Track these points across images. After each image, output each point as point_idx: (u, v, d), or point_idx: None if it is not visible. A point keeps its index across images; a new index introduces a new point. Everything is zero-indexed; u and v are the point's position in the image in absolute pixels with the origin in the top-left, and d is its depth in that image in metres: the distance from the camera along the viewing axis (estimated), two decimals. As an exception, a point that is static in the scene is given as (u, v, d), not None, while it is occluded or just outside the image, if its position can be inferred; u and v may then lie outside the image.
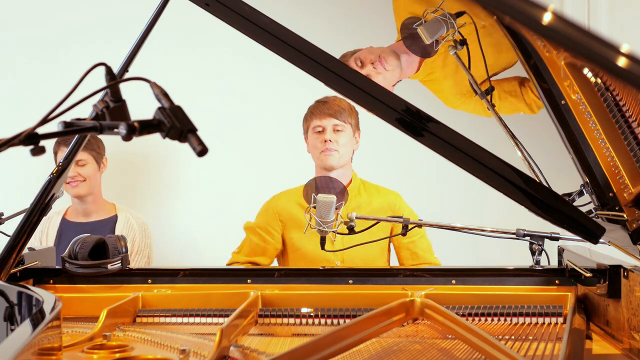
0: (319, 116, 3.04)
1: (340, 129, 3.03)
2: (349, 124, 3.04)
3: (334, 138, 3.01)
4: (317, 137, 3.04)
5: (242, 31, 2.12)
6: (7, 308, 1.86)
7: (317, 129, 3.04)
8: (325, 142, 3.00)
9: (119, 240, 2.38)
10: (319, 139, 3.03)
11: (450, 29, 2.49)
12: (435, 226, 2.48)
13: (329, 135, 3.01)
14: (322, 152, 3.02)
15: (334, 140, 3.01)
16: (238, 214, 3.90)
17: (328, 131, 3.02)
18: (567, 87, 1.82)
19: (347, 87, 2.10)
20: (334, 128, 3.02)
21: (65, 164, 2.23)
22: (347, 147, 3.05)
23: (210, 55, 3.96)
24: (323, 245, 2.52)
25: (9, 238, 2.16)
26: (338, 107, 3.03)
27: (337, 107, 3.03)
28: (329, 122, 3.02)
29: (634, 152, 1.72)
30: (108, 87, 1.22)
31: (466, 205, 3.84)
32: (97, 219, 3.55)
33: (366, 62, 2.82)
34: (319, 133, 3.04)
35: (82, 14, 3.98)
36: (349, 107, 3.07)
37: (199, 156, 1.15)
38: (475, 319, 2.09)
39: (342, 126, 3.03)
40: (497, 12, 1.55)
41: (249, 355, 1.79)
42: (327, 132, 3.02)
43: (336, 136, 3.02)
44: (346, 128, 3.04)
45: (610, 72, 1.32)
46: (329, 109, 3.03)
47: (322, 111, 3.04)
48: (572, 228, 2.00)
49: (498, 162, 2.01)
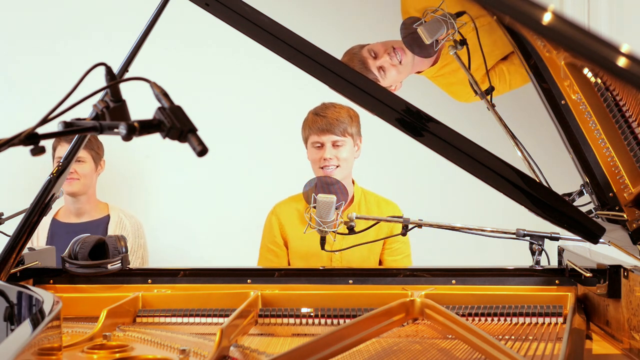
0: (317, 132, 2.95)
1: (340, 144, 2.95)
2: (349, 136, 2.96)
3: (333, 154, 2.94)
4: (316, 152, 2.97)
5: (242, 31, 2.11)
6: (7, 308, 1.86)
7: (315, 144, 2.97)
8: (325, 159, 2.93)
9: (119, 240, 2.38)
10: (318, 154, 2.96)
11: (450, 29, 2.49)
12: (435, 226, 2.48)
13: (328, 153, 2.93)
14: (321, 168, 2.95)
15: (333, 156, 2.93)
16: (236, 214, 3.92)
17: (327, 148, 2.94)
18: (567, 87, 1.82)
19: (347, 87, 2.10)
20: (333, 144, 2.95)
21: (65, 164, 2.23)
22: (347, 160, 2.97)
23: (210, 55, 3.97)
24: (323, 245, 2.52)
25: (9, 238, 2.16)
26: (337, 121, 2.94)
27: (335, 122, 2.93)
28: (328, 139, 2.94)
29: (634, 152, 1.72)
30: (108, 87, 1.22)
31: (466, 205, 3.84)
32: (88, 220, 3.53)
33: (380, 52, 2.74)
34: (318, 149, 2.97)
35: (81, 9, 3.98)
36: (348, 116, 2.98)
37: (199, 156, 1.15)
38: (475, 319, 2.09)
39: (342, 141, 2.95)
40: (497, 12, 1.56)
41: (249, 355, 1.79)
42: (326, 149, 2.94)
43: (336, 152, 2.95)
44: (346, 142, 2.96)
45: (610, 72, 1.32)
46: (327, 124, 2.93)
47: (320, 127, 2.94)
48: (572, 228, 2.00)
49: (498, 162, 2.01)
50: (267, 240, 3.06)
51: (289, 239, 3.02)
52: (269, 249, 3.04)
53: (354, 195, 3.05)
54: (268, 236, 3.06)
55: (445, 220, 2.50)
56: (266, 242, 3.06)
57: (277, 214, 3.07)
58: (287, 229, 3.03)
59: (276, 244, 3.03)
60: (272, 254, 3.03)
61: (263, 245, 3.08)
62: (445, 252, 3.24)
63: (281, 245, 3.03)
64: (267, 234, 3.07)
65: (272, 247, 3.03)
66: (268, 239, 3.06)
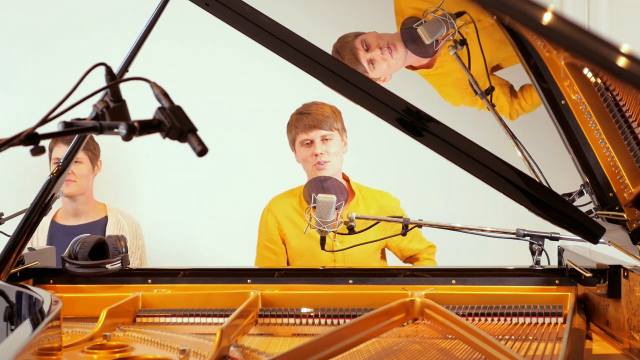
0: (304, 129, 2.95)
1: (328, 137, 2.95)
2: (335, 130, 2.97)
3: (323, 149, 2.94)
4: (306, 150, 2.96)
5: (242, 31, 2.12)
6: (7, 308, 1.86)
7: (305, 142, 2.96)
8: (316, 155, 2.93)
9: (118, 240, 2.38)
10: (309, 152, 2.95)
11: (450, 29, 2.49)
12: (435, 226, 2.48)
13: (319, 148, 2.93)
14: (314, 165, 2.94)
15: (324, 151, 2.93)
16: (235, 214, 3.92)
17: (317, 144, 2.94)
18: (567, 87, 1.82)
19: (346, 86, 2.10)
20: (322, 139, 2.95)
21: (65, 164, 2.23)
22: (338, 155, 2.98)
23: (210, 55, 3.97)
24: (323, 245, 2.52)
25: (9, 238, 2.16)
26: (322, 117, 2.94)
27: (321, 117, 2.94)
28: (317, 134, 2.94)
29: (634, 152, 1.72)
30: (108, 87, 1.22)
31: (466, 205, 3.84)
32: (87, 221, 3.53)
33: (373, 46, 2.74)
34: (307, 146, 2.96)
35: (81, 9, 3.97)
36: (332, 112, 2.98)
37: (199, 156, 1.15)
38: (475, 319, 2.09)
39: (330, 135, 2.95)
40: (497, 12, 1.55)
41: (249, 355, 1.79)
42: (316, 144, 2.94)
43: (325, 146, 2.95)
44: (334, 136, 2.96)
45: (610, 72, 1.32)
46: (313, 120, 2.94)
47: (307, 124, 2.94)
48: (572, 228, 2.00)
49: (498, 162, 2.01)
50: (263, 238, 3.06)
51: (286, 236, 3.02)
52: (267, 247, 3.04)
53: (352, 192, 3.05)
54: (265, 234, 3.05)
55: (445, 220, 2.50)
56: (263, 240, 3.06)
57: (272, 210, 3.06)
58: (283, 226, 3.02)
59: (273, 241, 3.02)
60: (270, 252, 3.02)
61: (260, 243, 3.07)
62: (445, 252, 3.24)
63: (279, 243, 3.02)
64: (263, 232, 3.07)
65: (270, 245, 3.03)
66: (265, 237, 3.05)
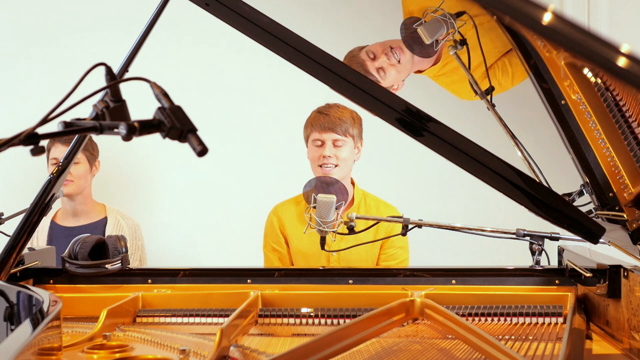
0: (319, 129, 2.95)
1: (340, 144, 2.95)
2: (350, 136, 2.96)
3: (332, 153, 2.93)
4: (316, 150, 2.97)
5: (242, 31, 2.11)
6: (7, 308, 1.86)
7: (316, 142, 2.96)
8: (324, 157, 2.93)
9: (119, 241, 2.38)
10: (318, 152, 2.95)
11: (450, 29, 2.49)
12: (435, 226, 2.48)
13: (328, 151, 2.93)
14: (320, 166, 2.95)
15: (332, 155, 2.93)
16: (236, 214, 3.92)
17: (327, 146, 2.94)
18: (567, 87, 1.82)
19: (347, 87, 2.10)
20: (333, 143, 2.94)
21: (65, 164, 2.23)
22: (347, 161, 2.97)
23: (210, 55, 3.96)
24: (323, 245, 2.52)
25: (9, 238, 2.16)
26: (339, 120, 2.94)
27: (337, 121, 2.94)
28: (329, 137, 2.94)
29: (634, 152, 1.72)
30: (108, 87, 1.22)
31: (466, 205, 3.84)
32: (86, 222, 3.53)
33: (378, 53, 2.74)
34: (318, 147, 2.96)
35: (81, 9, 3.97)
36: (351, 117, 2.98)
37: (199, 156, 1.15)
38: (475, 319, 2.09)
39: (343, 141, 2.95)
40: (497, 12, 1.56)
41: (249, 355, 1.79)
42: (326, 147, 2.94)
43: (336, 151, 2.94)
44: (347, 142, 2.95)
45: (610, 72, 1.32)
46: (329, 122, 2.94)
47: (323, 125, 2.94)
48: (572, 228, 2.00)
49: (498, 162, 2.01)
50: (271, 240, 3.06)
51: (289, 238, 3.02)
52: (274, 249, 3.04)
53: (354, 197, 3.04)
54: (271, 236, 3.06)
55: (445, 220, 2.50)
56: (270, 242, 3.06)
57: (277, 214, 3.07)
58: (287, 229, 3.03)
59: (280, 244, 3.03)
60: (278, 254, 3.03)
61: (267, 245, 3.07)
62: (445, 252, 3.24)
63: (284, 245, 3.03)
64: (270, 234, 3.07)
65: (277, 247, 3.03)
66: (272, 239, 3.05)
